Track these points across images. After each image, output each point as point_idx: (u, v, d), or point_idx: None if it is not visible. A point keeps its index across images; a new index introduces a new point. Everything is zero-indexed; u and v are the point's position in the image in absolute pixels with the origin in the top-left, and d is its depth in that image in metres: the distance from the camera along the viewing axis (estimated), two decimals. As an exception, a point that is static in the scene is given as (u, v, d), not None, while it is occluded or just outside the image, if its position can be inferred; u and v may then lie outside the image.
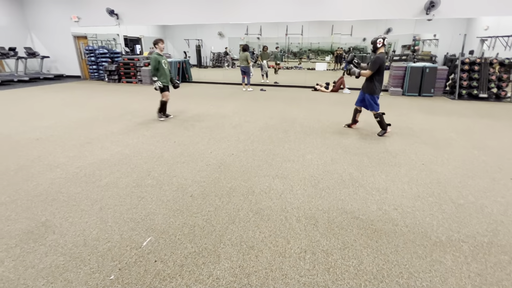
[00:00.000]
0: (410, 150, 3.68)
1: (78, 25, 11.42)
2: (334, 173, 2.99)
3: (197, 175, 2.92)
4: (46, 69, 12.68)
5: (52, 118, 5.25)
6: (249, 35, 12.72)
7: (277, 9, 9.04)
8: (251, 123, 4.98)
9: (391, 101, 7.19)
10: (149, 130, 4.50)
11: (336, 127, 4.71)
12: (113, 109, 6.03)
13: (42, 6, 11.67)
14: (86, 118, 5.28)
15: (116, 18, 10.72)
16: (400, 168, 3.13)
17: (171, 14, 10.16)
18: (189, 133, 4.35)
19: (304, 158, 3.39)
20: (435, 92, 7.91)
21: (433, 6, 7.59)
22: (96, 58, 11.18)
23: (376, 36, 4.00)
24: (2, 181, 2.80)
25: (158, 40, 4.65)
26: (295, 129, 4.58)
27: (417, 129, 4.61)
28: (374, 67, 3.97)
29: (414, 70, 7.88)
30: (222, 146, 3.80)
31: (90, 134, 4.32)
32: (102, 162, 3.24)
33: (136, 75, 10.38)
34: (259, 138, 4.14)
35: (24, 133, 4.35)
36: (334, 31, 11.82)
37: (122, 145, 3.81)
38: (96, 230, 2.05)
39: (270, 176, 2.91)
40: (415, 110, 6.11)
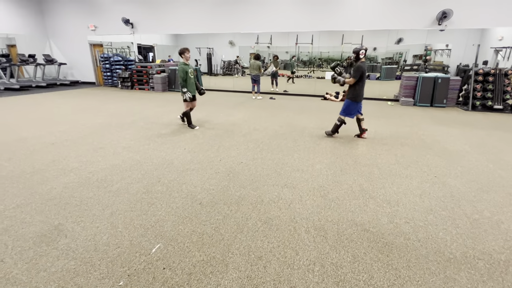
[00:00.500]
0: (422, 162, 3.61)
1: (95, 33, 11.83)
2: (344, 184, 2.96)
3: (206, 183, 2.93)
4: (63, 75, 13.13)
5: (67, 123, 5.40)
6: (259, 43, 12.88)
7: (287, 19, 9.16)
8: (261, 131, 5.00)
9: (402, 111, 7.11)
10: (160, 137, 4.57)
11: (346, 137, 4.68)
12: (125, 115, 6.17)
13: (61, 15, 12.16)
14: (100, 123, 5.41)
15: (131, 27, 11.06)
16: (412, 180, 3.07)
17: (183, 23, 10.42)
18: (199, 140, 4.39)
19: (313, 168, 3.37)
20: (448, 102, 7.78)
21: (445, 17, 7.55)
22: (111, 65, 11.51)
23: (359, 47, 4.11)
24: (18, 183, 2.89)
25: (184, 49, 4.64)
26: (304, 139, 4.57)
27: (429, 141, 4.53)
28: (357, 75, 4.15)
29: (426, 81, 7.79)
30: (232, 154, 3.82)
31: (103, 139, 4.42)
32: (114, 168, 3.30)
33: (149, 82, 10.61)
34: (268, 146, 4.15)
35: (40, 137, 4.49)
36: (345, 41, 11.84)
37: (133, 151, 3.88)
38: (106, 235, 2.08)
39: (279, 185, 2.90)
40: (427, 120, 6.02)
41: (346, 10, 8.48)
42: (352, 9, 8.42)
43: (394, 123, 5.77)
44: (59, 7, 12.09)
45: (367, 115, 6.37)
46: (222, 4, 9.74)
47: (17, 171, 3.20)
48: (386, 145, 4.30)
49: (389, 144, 4.32)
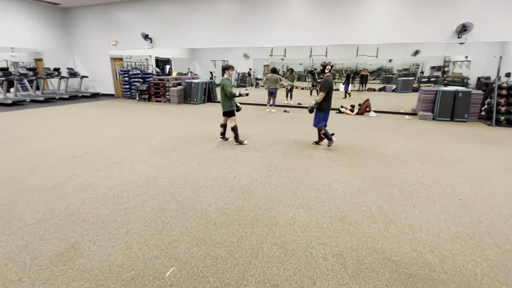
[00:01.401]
0: (445, 182, 3.45)
1: (115, 48, 12.34)
2: (362, 205, 2.85)
3: (220, 201, 2.91)
4: (85, 88, 13.70)
5: (86, 136, 5.57)
6: (273, 56, 13.03)
7: (301, 33, 9.22)
8: (275, 146, 4.96)
9: (421, 126, 6.90)
10: (175, 151, 4.61)
11: (362, 153, 4.56)
12: (142, 128, 6.30)
13: (85, 31, 12.79)
14: (117, 136, 5.55)
15: (150, 42, 11.47)
16: (435, 203, 2.92)
17: (199, 38, 10.70)
18: (213, 156, 4.40)
19: (329, 187, 3.29)
20: (469, 117, 7.49)
21: (465, 30, 7.37)
22: (129, 78, 11.91)
23: (326, 62, 4.44)
24: (39, 198, 2.96)
25: (229, 66, 4.67)
26: (320, 155, 4.49)
27: (451, 159, 4.34)
28: (326, 88, 4.47)
29: (445, 94, 7.57)
30: (246, 170, 3.79)
31: (120, 153, 4.51)
32: (130, 183, 3.34)
33: (165, 94, 10.88)
34: (283, 163, 4.10)
35: (62, 150, 4.64)
36: (360, 53, 11.77)
37: (149, 166, 3.93)
38: (121, 256, 2.07)
39: (295, 206, 2.83)
40: (447, 136, 5.80)
41: (362, 24, 8.45)
42: (367, 23, 8.39)
43: (413, 138, 5.59)
44: (83, 24, 12.74)
45: (385, 129, 6.23)
46: (237, 20, 9.96)
47: (39, 184, 3.30)
48: (405, 163, 4.15)
49: (409, 162, 4.16)
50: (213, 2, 10.12)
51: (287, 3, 9.16)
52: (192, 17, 10.59)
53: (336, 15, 8.67)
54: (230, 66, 4.69)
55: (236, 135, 4.98)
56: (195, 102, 10.61)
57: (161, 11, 11.02)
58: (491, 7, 7.23)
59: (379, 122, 7.35)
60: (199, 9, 10.39)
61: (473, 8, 7.35)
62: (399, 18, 8.07)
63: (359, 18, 8.45)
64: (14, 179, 3.45)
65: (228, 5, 9.97)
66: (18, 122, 6.96)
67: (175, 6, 10.76)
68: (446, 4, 7.56)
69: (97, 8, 12.16)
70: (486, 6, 7.26)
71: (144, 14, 11.33)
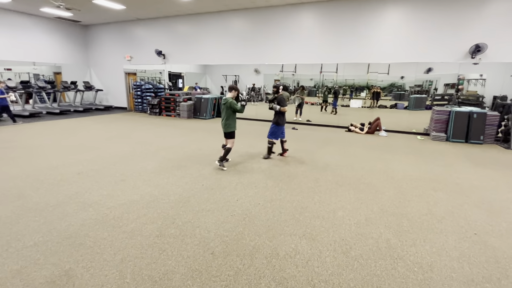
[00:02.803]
0: (458, 213, 3.25)
1: (130, 63, 12.75)
2: (369, 237, 2.70)
3: (220, 228, 2.82)
4: (99, 101, 14.12)
5: (94, 150, 5.65)
6: (284, 72, 13.14)
7: (312, 51, 9.28)
8: (281, 167, 4.87)
9: (433, 147, 6.67)
10: (180, 170, 4.59)
11: (371, 177, 4.41)
12: (150, 144, 6.35)
13: (102, 47, 13.32)
14: (125, 152, 5.60)
15: (163, 58, 11.79)
16: (448, 237, 2.74)
17: (211, 55, 10.95)
18: (217, 176, 4.35)
19: (335, 215, 3.15)
20: (485, 139, 7.21)
21: (479, 51, 7.23)
22: (142, 92, 12.20)
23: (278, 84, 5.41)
24: (40, 217, 2.96)
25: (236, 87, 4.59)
26: (326, 177, 4.37)
27: (466, 186, 4.13)
28: (285, 103, 5.13)
29: (459, 115, 7.34)
30: (249, 193, 3.71)
31: (126, 170, 4.52)
32: (132, 204, 3.31)
33: (175, 109, 11.05)
34: (288, 186, 3.99)
35: (69, 165, 4.70)
36: (371, 70, 11.72)
37: (152, 185, 3.90)
38: (114, 287, 2.00)
39: (297, 235, 2.71)
40: (462, 160, 5.56)
41: (373, 43, 8.44)
42: (379, 41, 8.37)
43: (425, 161, 5.39)
44: (101, 40, 13.29)
45: (395, 151, 6.04)
46: (248, 37, 10.15)
47: (42, 203, 3.31)
48: (416, 189, 3.97)
49: (420, 189, 3.98)
50: (225, 20, 10.39)
51: (298, 21, 9.29)
52: (204, 34, 10.88)
53: (347, 34, 8.71)
54: (237, 88, 4.67)
55: (225, 155, 4.68)
56: (204, 117, 10.71)
57: (175, 29, 11.38)
58: (506, 28, 7.08)
59: (389, 142, 7.17)
60: (211, 27, 10.68)
61: (487, 29, 7.23)
62: (411, 37, 8.02)
63: (371, 37, 8.44)
64: (20, 196, 3.48)
65: (239, 23, 10.20)
66: (32, 135, 7.16)
67: (187, 23, 11.09)
68: (459, 25, 7.47)
69: (114, 26, 12.69)
70: (500, 26, 7.12)
71: (158, 31, 11.73)
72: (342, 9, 8.60)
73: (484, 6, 7.21)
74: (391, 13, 8.16)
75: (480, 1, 7.22)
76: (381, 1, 8.14)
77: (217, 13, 10.45)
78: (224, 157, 4.71)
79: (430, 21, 7.72)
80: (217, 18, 10.51)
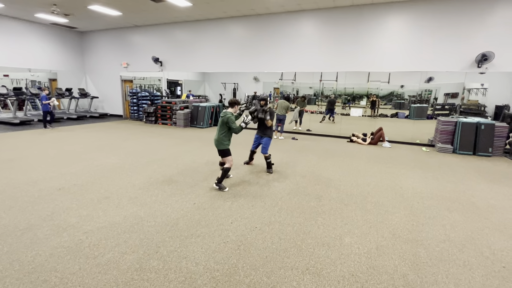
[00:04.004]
0: (479, 240, 2.89)
1: (127, 70, 12.49)
2: (383, 272, 2.33)
3: (211, 259, 2.45)
4: (94, 108, 13.81)
5: (81, 162, 5.29)
6: (283, 80, 12.92)
7: (311, 60, 9.04)
8: (280, 182, 4.52)
9: (440, 160, 6.33)
10: (170, 185, 4.23)
11: (378, 194, 4.05)
12: (142, 155, 6.00)
13: (98, 54, 13.09)
14: (113, 164, 5.24)
15: (160, 65, 11.54)
16: (473, 271, 2.37)
17: (208, 62, 10.69)
18: (211, 193, 3.99)
19: (341, 241, 2.79)
20: (494, 151, 6.89)
21: (485, 60, 6.98)
22: (138, 100, 11.90)
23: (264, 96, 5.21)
24: (5, 244, 2.58)
25: (236, 101, 4.22)
26: (330, 195, 4.01)
27: (482, 206, 3.78)
28: (273, 116, 5.01)
29: (466, 126, 7.04)
30: (245, 213, 3.34)
31: (112, 185, 4.16)
32: (112, 227, 2.94)
33: (172, 117, 10.73)
34: (288, 205, 3.63)
35: (51, 180, 4.33)
36: (371, 78, 11.52)
37: (138, 204, 3.54)
38: None
39: (299, 269, 2.34)
40: (473, 175, 5.22)
41: (375, 51, 8.20)
42: (381, 50, 8.13)
43: (434, 176, 5.05)
44: (97, 47, 13.06)
45: (401, 164, 5.68)
46: (246, 45, 9.91)
47: (11, 226, 2.93)
48: (429, 209, 3.61)
49: (433, 209, 3.63)
50: (223, 27, 10.17)
51: (298, 29, 9.06)
52: (202, 41, 10.65)
53: (348, 42, 8.48)
54: (238, 102, 4.25)
55: (222, 177, 4.13)
56: (202, 126, 10.38)
57: (172, 36, 11.16)
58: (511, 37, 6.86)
59: (394, 154, 6.84)
60: (209, 34, 10.46)
61: (493, 37, 7.00)
62: (415, 46, 7.78)
63: (373, 45, 8.21)
64: (-13, 217, 3.10)
65: (238, 30, 9.98)
66: (17, 144, 6.79)
67: (185, 30, 10.88)
68: (465, 33, 7.24)
69: (111, 32, 12.48)
70: (506, 35, 6.89)
71: (156, 38, 11.51)
72: (343, 16, 8.39)
73: (489, 14, 7.00)
74: (394, 21, 7.95)
75: (486, 9, 7.01)
76: (384, 9, 7.93)
77: (216, 20, 10.24)
78: (222, 179, 4.15)
79: (435, 29, 7.50)
80: (215, 25, 10.30)
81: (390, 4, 7.84)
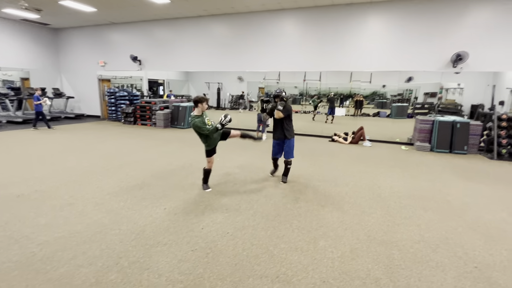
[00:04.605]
0: (454, 240, 2.88)
1: (104, 69, 12.02)
2: (355, 277, 2.25)
3: (175, 269, 2.29)
4: (70, 109, 13.22)
5: (49, 166, 4.97)
6: (267, 79, 12.86)
7: (294, 59, 8.98)
8: (258, 183, 4.40)
9: (419, 158, 6.41)
10: (142, 189, 4.01)
11: (356, 195, 4.01)
12: (116, 157, 5.72)
13: (74, 52, 12.54)
14: (83, 168, 4.95)
15: (139, 64, 11.16)
16: (446, 273, 2.33)
17: (190, 61, 10.43)
18: (184, 196, 3.81)
19: (315, 245, 2.69)
20: (469, 149, 7.06)
21: (460, 59, 7.14)
22: (116, 100, 11.47)
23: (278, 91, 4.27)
24: None
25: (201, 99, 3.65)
26: (307, 196, 3.93)
27: (457, 204, 3.80)
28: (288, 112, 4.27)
29: (442, 125, 7.18)
30: (218, 218, 3.19)
31: (78, 191, 3.90)
32: (71, 237, 2.71)
33: (151, 118, 10.40)
34: (264, 208, 3.51)
35: (11, 186, 4.02)
36: (353, 78, 11.66)
37: (104, 211, 3.31)
38: None
39: (269, 277, 2.22)
40: (449, 173, 5.29)
41: (356, 51, 8.23)
42: (362, 50, 8.17)
43: (412, 175, 5.08)
44: (72, 45, 12.51)
45: (380, 163, 5.69)
46: (229, 44, 9.74)
47: (-44, 238, 2.66)
48: (405, 209, 3.59)
49: (409, 209, 3.61)
50: (204, 26, 9.95)
51: (280, 28, 8.98)
52: (183, 40, 10.38)
53: (330, 41, 8.47)
54: (203, 98, 3.66)
55: (204, 178, 4.06)
56: (182, 127, 10.12)
57: (151, 34, 10.82)
58: (485, 38, 7.05)
59: (374, 153, 6.87)
60: (190, 32, 10.20)
61: (467, 38, 7.17)
62: (394, 46, 7.87)
63: (354, 45, 8.23)
64: None
65: (220, 28, 9.79)
66: (-19, 148, 6.34)
67: (165, 28, 10.57)
68: (441, 33, 7.38)
69: (87, 29, 11.97)
70: (480, 36, 7.08)
71: (134, 36, 11.13)
72: (324, 16, 8.37)
73: (464, 15, 7.16)
74: (373, 21, 8.00)
75: (461, 10, 7.17)
76: (362, 9, 7.97)
77: (196, 18, 10.00)
78: (204, 180, 4.08)
79: (412, 29, 7.61)
80: (196, 23, 10.06)
81: (368, 4, 7.89)
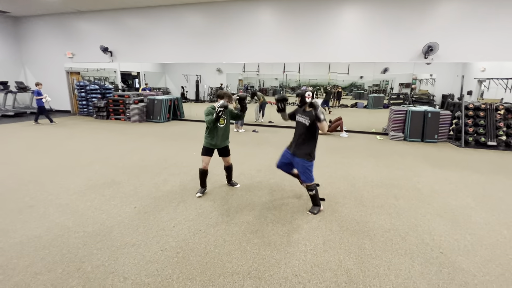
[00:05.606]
0: (422, 226, 2.97)
1: (72, 61, 11.32)
2: (326, 269, 2.25)
3: (143, 271, 2.18)
4: (37, 103, 12.38)
5: (8, 166, 4.62)
6: (246, 71, 12.70)
7: (272, 50, 8.88)
8: (235, 177, 4.32)
9: (392, 147, 6.60)
10: (111, 188, 3.82)
11: (331, 186, 4.04)
12: (84, 155, 5.42)
13: (38, 42, 11.69)
14: (48, 166, 4.64)
15: (110, 55, 10.60)
16: (413, 260, 2.39)
17: (164, 52, 10.04)
18: (157, 193, 3.67)
19: (289, 238, 2.68)
20: (439, 138, 7.36)
21: (431, 50, 7.35)
22: (87, 94, 10.89)
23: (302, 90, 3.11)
24: None
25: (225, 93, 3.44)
26: (284, 189, 3.91)
27: (426, 192, 3.93)
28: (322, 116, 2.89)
29: (415, 115, 7.42)
30: (191, 215, 3.10)
31: (40, 192, 3.64)
32: (29, 243, 2.52)
33: (125, 112, 9.97)
34: (239, 202, 3.45)
35: (-37, 189, 3.69)
36: (331, 70, 11.77)
37: (68, 212, 3.11)
38: None
39: (241, 274, 2.18)
40: (420, 160, 5.48)
41: (332, 43, 8.25)
42: (336, 42, 8.21)
43: (385, 164, 5.21)
44: (36, 34, 11.65)
45: (356, 153, 5.80)
46: (204, 34, 9.45)
47: None
48: (378, 198, 3.66)
49: (381, 198, 3.69)
50: (179, 15, 9.57)
51: (257, 18, 8.81)
52: (157, 30, 9.94)
53: (306, 32, 8.43)
54: (225, 94, 3.41)
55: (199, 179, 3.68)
56: (158, 121, 9.79)
57: (122, 23, 10.27)
58: (454, 29, 7.29)
59: (350, 143, 6.99)
60: (164, 22, 9.78)
61: (438, 29, 7.38)
62: (369, 37, 7.95)
63: (331, 37, 8.25)
64: None
65: (195, 18, 9.46)
66: None
67: (137, 17, 10.06)
68: (413, 24, 7.55)
69: (52, 18, 11.16)
70: (449, 28, 7.31)
71: (104, 26, 10.52)
72: (301, 6, 8.29)
73: (434, 6, 7.35)
74: (349, 12, 8.03)
75: (431, 1, 7.34)
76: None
77: (171, 7, 9.58)
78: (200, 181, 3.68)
79: (386, 20, 7.72)
80: (170, 12, 9.64)
81: (345, -5, 7.90)
